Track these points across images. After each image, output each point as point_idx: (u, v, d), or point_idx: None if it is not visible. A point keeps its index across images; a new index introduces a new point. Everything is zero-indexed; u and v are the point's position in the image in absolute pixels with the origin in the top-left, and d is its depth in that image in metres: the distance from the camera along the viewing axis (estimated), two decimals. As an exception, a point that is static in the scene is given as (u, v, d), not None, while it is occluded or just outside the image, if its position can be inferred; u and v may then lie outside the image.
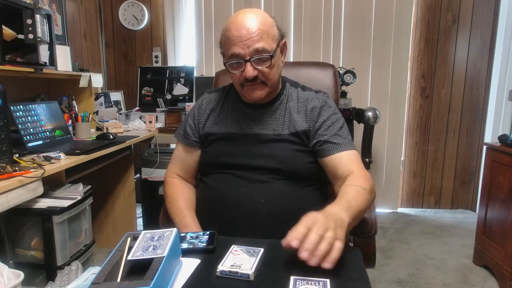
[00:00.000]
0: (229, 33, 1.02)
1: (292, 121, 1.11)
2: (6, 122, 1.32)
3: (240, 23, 1.01)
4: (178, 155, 1.23)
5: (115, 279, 0.64)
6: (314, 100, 1.14)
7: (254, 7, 3.01)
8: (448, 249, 2.49)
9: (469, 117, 3.13)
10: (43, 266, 1.49)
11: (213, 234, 0.91)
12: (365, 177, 1.01)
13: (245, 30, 1.00)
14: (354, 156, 1.07)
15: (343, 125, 1.11)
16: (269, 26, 1.04)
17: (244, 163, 1.08)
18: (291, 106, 1.13)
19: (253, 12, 1.04)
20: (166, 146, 2.84)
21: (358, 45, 3.05)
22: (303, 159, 1.09)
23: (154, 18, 3.21)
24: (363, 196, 0.94)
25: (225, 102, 1.19)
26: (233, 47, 1.01)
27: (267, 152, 1.08)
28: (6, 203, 1.18)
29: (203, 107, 1.21)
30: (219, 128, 1.15)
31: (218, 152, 1.13)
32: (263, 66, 1.03)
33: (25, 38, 1.72)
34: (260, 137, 1.10)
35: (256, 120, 1.13)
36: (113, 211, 2.51)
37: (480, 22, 3.00)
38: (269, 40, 1.02)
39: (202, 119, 1.19)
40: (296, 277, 0.70)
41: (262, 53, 1.01)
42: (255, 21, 1.01)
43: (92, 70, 2.78)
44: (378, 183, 3.20)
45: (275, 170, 1.06)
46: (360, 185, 0.96)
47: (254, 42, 1.00)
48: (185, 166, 1.21)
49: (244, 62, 1.02)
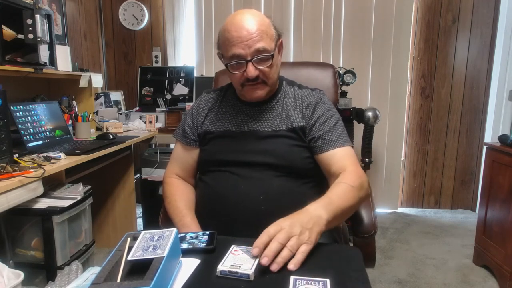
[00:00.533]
0: (229, 34, 1.03)
1: (289, 118, 1.12)
2: (6, 122, 1.32)
3: (239, 23, 1.02)
4: (177, 155, 1.24)
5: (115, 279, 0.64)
6: (310, 97, 1.15)
7: (254, 7, 3.03)
8: (448, 249, 2.49)
9: (469, 117, 3.13)
10: (43, 266, 1.49)
11: (213, 234, 0.91)
12: (356, 173, 1.01)
13: (245, 31, 1.01)
14: (348, 152, 1.07)
15: (338, 121, 1.12)
16: (267, 26, 1.05)
17: (242, 160, 1.09)
18: (288, 103, 1.15)
19: (250, 13, 1.05)
20: (166, 146, 2.84)
21: (358, 45, 3.05)
22: (301, 154, 1.10)
23: (154, 18, 3.22)
24: (348, 193, 0.95)
25: (223, 101, 1.21)
26: (234, 48, 1.02)
27: (265, 148, 1.09)
28: (6, 203, 1.18)
29: (201, 106, 1.22)
30: (217, 126, 1.17)
31: (216, 150, 1.14)
32: (264, 66, 1.04)
33: (25, 38, 1.72)
34: (258, 134, 1.12)
35: (254, 117, 1.14)
36: (113, 211, 2.51)
37: (480, 22, 3.00)
38: (269, 40, 1.04)
39: (200, 117, 1.20)
40: (296, 277, 0.70)
41: (263, 53, 1.02)
42: (254, 21, 1.02)
43: (92, 70, 2.78)
44: (378, 183, 3.20)
45: (273, 165, 1.07)
46: (348, 183, 0.97)
47: (255, 42, 1.01)
48: (184, 165, 1.22)
49: (246, 62, 1.03)
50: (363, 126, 2.58)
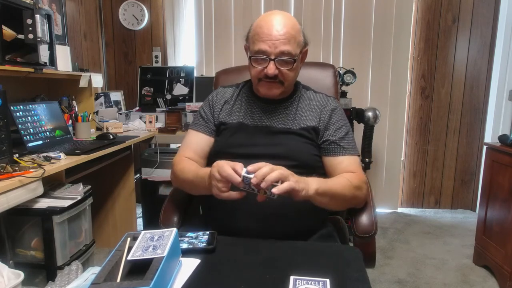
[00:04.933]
0: (260, 30, 1.07)
1: (303, 118, 1.17)
2: (6, 122, 1.32)
3: (272, 22, 1.06)
4: (190, 141, 1.22)
5: (115, 279, 0.64)
6: (327, 102, 1.20)
7: (254, 7, 3.03)
8: (448, 249, 2.49)
9: (469, 117, 3.13)
10: (43, 266, 1.49)
11: (213, 234, 0.91)
12: (358, 177, 1.07)
13: (275, 31, 1.05)
14: (355, 161, 1.13)
15: (349, 130, 1.18)
16: (297, 32, 1.10)
17: (253, 152, 1.11)
18: (302, 105, 1.20)
19: (285, 16, 1.09)
20: (166, 146, 2.84)
21: (358, 45, 3.05)
22: (311, 151, 1.14)
23: (154, 18, 3.21)
24: (345, 184, 1.02)
25: (239, 96, 1.24)
26: (261, 44, 1.07)
27: (277, 142, 1.13)
28: (6, 203, 1.18)
29: (217, 98, 1.25)
30: (232, 118, 1.20)
31: (229, 142, 1.16)
32: (285, 68, 1.09)
33: (25, 38, 1.72)
34: (271, 129, 1.15)
35: (268, 113, 1.18)
36: (113, 211, 2.51)
37: (480, 22, 3.00)
38: (295, 45, 1.09)
39: (217, 109, 1.23)
40: (296, 277, 0.70)
41: (287, 56, 1.07)
42: (286, 24, 1.07)
43: (92, 70, 2.78)
44: (378, 183, 3.20)
45: (283, 157, 1.08)
46: (347, 178, 1.04)
47: (281, 43, 1.06)
48: (198, 151, 1.20)
49: (268, 60, 1.07)
50: (363, 126, 2.58)
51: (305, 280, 0.69)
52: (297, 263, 0.78)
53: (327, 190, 0.96)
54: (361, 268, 0.77)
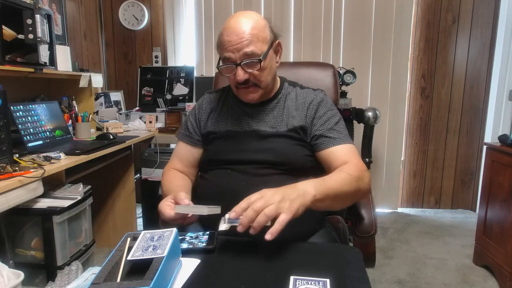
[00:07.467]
0: (222, 38, 1.06)
1: (291, 118, 1.14)
2: (6, 122, 1.32)
3: (231, 28, 1.04)
4: (179, 152, 1.25)
5: (115, 279, 0.64)
6: (312, 96, 1.16)
7: (254, 7, 3.03)
8: (448, 249, 2.49)
9: (469, 117, 3.13)
10: (43, 266, 1.49)
11: (213, 234, 0.91)
12: (357, 166, 1.02)
13: (235, 35, 1.03)
14: (350, 149, 1.08)
15: (339, 120, 1.14)
16: (260, 29, 1.06)
17: (243, 158, 1.10)
18: (289, 104, 1.16)
19: (245, 16, 1.06)
20: (166, 146, 2.84)
21: (358, 45, 3.05)
22: (301, 152, 1.11)
23: (154, 18, 3.21)
24: (345, 179, 0.95)
25: (225, 102, 1.22)
26: (225, 52, 1.05)
27: (266, 146, 1.11)
28: (6, 203, 1.18)
29: (204, 106, 1.24)
30: (220, 126, 1.18)
31: (220, 150, 1.15)
32: (254, 69, 1.06)
33: (25, 38, 1.72)
34: (259, 133, 1.13)
35: (255, 117, 1.16)
36: (113, 211, 2.51)
37: (480, 22, 2.99)
38: (259, 43, 1.05)
39: (203, 118, 1.22)
40: (296, 277, 0.70)
41: (251, 57, 1.04)
42: (246, 25, 1.04)
43: (92, 70, 2.78)
44: (378, 183, 3.20)
45: (274, 163, 1.08)
46: (346, 171, 0.98)
47: (243, 46, 1.03)
48: (186, 162, 1.23)
49: (235, 66, 1.05)
50: (363, 126, 2.58)
51: (305, 280, 0.69)
52: (297, 263, 0.78)
53: (327, 192, 0.90)
54: (361, 268, 0.77)
